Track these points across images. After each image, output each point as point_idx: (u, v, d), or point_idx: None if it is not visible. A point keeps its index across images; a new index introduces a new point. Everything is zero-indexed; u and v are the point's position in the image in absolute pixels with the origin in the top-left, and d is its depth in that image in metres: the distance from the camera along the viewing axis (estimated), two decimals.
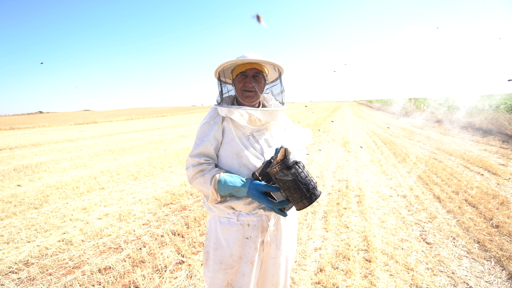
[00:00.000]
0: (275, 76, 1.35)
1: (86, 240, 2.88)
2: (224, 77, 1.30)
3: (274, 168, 0.99)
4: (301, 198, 0.98)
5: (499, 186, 4.30)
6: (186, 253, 2.58)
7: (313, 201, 0.99)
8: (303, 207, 1.00)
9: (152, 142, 10.29)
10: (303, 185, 0.98)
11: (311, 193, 0.99)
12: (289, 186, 0.98)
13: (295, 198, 0.99)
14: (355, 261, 2.40)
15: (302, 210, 1.03)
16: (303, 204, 0.99)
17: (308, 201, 0.98)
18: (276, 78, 1.35)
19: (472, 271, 2.24)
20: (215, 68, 1.23)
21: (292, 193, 0.99)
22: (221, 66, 1.20)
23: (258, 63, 1.21)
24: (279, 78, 1.31)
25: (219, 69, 1.23)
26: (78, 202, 4.02)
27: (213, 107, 1.26)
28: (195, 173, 1.14)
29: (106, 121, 27.40)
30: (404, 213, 3.40)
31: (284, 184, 0.99)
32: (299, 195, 0.98)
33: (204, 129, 1.21)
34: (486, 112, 12.06)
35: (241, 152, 1.18)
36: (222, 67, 1.22)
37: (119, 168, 6.20)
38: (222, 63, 1.17)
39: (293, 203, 1.02)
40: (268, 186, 1.06)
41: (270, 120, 1.24)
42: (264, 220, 1.18)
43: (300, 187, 0.98)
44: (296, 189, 0.98)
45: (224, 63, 1.17)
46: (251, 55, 1.19)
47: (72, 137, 13.09)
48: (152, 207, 3.77)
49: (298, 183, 0.98)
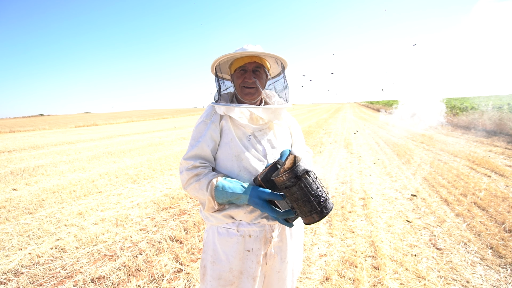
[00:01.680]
0: (278, 70, 1.22)
1: (80, 247, 2.76)
2: (221, 72, 1.18)
3: (281, 177, 0.87)
4: (311, 212, 0.87)
5: (507, 188, 4.16)
6: (184, 261, 2.46)
7: (324, 215, 0.87)
8: (312, 222, 0.88)
9: (152, 145, 10.18)
10: (314, 197, 0.86)
11: (323, 206, 0.87)
12: (297, 198, 0.87)
13: (304, 212, 0.88)
14: (363, 268, 2.27)
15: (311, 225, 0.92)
16: (313, 219, 0.87)
17: (318, 215, 0.87)
18: (279, 73, 1.23)
19: (487, 280, 2.11)
20: (211, 63, 1.11)
21: (301, 206, 0.87)
22: (217, 60, 1.08)
23: (259, 56, 1.09)
24: (282, 73, 1.19)
25: (216, 63, 1.11)
26: (74, 207, 3.90)
27: (210, 105, 1.14)
28: (189, 177, 1.02)
29: (106, 123, 27.38)
30: (411, 216, 3.26)
31: (292, 195, 0.87)
32: (309, 209, 0.87)
33: (200, 128, 1.09)
34: (490, 113, 11.92)
35: (242, 153, 1.06)
36: (218, 62, 1.11)
37: (118, 171, 6.09)
38: (219, 57, 1.06)
39: (301, 216, 0.90)
40: (273, 193, 0.94)
41: (273, 119, 1.12)
42: (268, 231, 1.06)
43: (310, 200, 0.86)
44: (305, 201, 0.86)
45: (221, 56, 1.06)
46: (250, 48, 1.08)
47: (72, 139, 13.01)
48: (150, 212, 3.65)
49: (308, 195, 0.86)
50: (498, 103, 13.51)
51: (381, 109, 29.56)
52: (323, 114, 28.96)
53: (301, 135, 1.29)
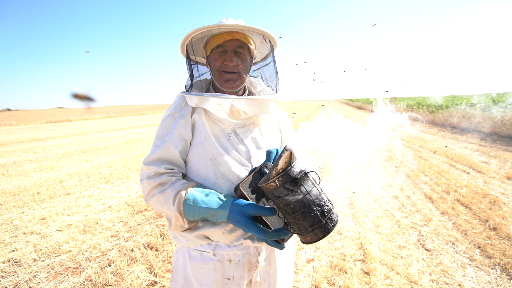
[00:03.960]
0: (265, 52, 1.00)
1: (39, 259, 2.43)
2: (194, 54, 0.94)
3: (272, 182, 0.66)
4: (313, 227, 0.66)
5: (486, 184, 4.23)
6: (159, 271, 2.22)
7: (330, 231, 0.67)
8: (314, 240, 0.67)
9: (129, 141, 9.67)
10: (316, 207, 0.66)
11: (327, 218, 0.67)
12: (294, 209, 0.66)
13: (303, 227, 0.67)
14: (353, 274, 2.13)
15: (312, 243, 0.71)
16: (315, 236, 0.67)
17: (322, 231, 0.67)
18: (266, 55, 1.00)
19: (479, 282, 2.04)
20: (181, 40, 0.87)
21: (299, 220, 0.67)
22: (189, 36, 0.85)
23: (242, 31, 0.87)
24: (271, 55, 0.96)
25: (187, 41, 0.87)
26: (37, 211, 3.51)
27: (179, 95, 0.91)
28: (151, 188, 0.80)
29: (81, 119, 25.97)
30: (398, 215, 3.19)
31: (287, 206, 0.66)
32: (310, 223, 0.66)
33: (166, 124, 0.87)
34: (463, 111, 12.40)
35: (219, 156, 0.84)
36: (190, 38, 0.87)
37: (90, 170, 5.66)
38: (191, 32, 0.83)
39: (298, 233, 0.69)
40: (260, 207, 0.73)
41: (260, 113, 0.90)
42: (252, 254, 0.85)
43: (311, 211, 0.66)
44: (305, 213, 0.66)
45: (194, 31, 0.82)
46: (231, 21, 0.85)
47: (41, 136, 12.13)
48: (123, 215, 3.34)
49: (308, 204, 0.66)
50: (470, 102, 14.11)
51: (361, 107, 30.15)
52: (305, 110, 29.11)
53: (293, 132, 1.08)
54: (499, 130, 9.18)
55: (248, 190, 0.78)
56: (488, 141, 8.34)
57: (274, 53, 0.96)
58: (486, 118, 10.27)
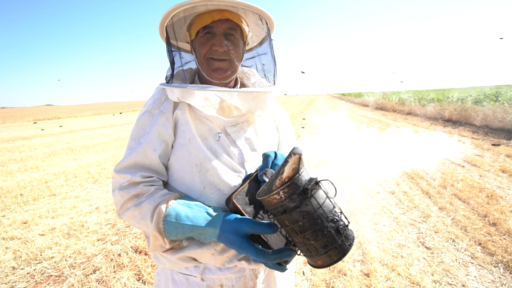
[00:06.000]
0: (261, 35, 0.84)
1: (18, 267, 2.26)
2: (175, 38, 0.78)
3: (275, 195, 0.52)
4: (326, 248, 0.53)
5: (482, 178, 4.21)
6: (148, 278, 2.08)
7: (346, 252, 0.55)
8: (328, 264, 0.55)
9: (119, 139, 9.41)
10: (330, 223, 0.53)
11: (344, 236, 0.55)
12: (303, 228, 0.53)
13: (314, 249, 0.54)
14: (353, 276, 2.04)
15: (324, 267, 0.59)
16: (329, 259, 0.54)
17: (338, 252, 0.54)
18: (262, 40, 0.85)
19: (482, 282, 1.97)
20: (160, 20, 0.72)
21: (309, 240, 0.54)
22: (168, 14, 0.70)
23: (235, 10, 0.72)
24: (268, 39, 0.81)
25: (167, 21, 0.72)
26: (19, 214, 3.32)
27: (158, 87, 0.77)
28: (124, 200, 0.66)
29: (70, 116, 25.36)
30: (396, 212, 3.12)
31: (294, 224, 0.53)
32: (322, 243, 0.53)
33: (143, 122, 0.72)
34: (455, 104, 12.48)
35: (207, 161, 0.71)
36: (170, 18, 0.72)
37: (78, 169, 5.44)
38: (170, 9, 0.68)
39: (307, 255, 0.56)
40: (257, 224, 0.60)
41: (255, 109, 0.76)
42: (249, 277, 0.71)
43: (323, 229, 0.53)
44: (316, 232, 0.53)
45: (173, 7, 0.67)
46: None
47: (28, 134, 11.73)
48: (111, 217, 3.18)
49: (321, 221, 0.53)
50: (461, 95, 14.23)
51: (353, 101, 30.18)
52: (297, 105, 29.02)
53: (291, 130, 0.95)
54: (491, 122, 9.26)
55: (243, 202, 0.65)
56: (480, 133, 8.39)
57: (271, 38, 0.81)
58: (477, 111, 10.35)
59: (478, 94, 13.19)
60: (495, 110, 9.48)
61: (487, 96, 12.14)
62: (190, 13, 0.74)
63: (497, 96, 11.71)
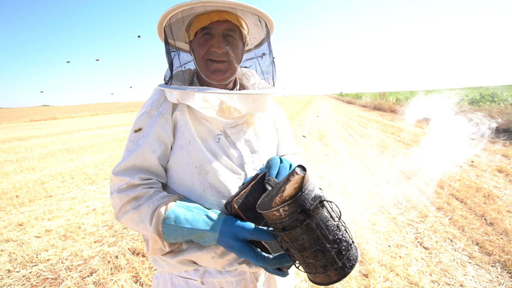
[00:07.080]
0: (260, 37, 0.84)
1: (14, 269, 2.24)
2: (174, 38, 0.78)
3: (275, 211, 0.51)
4: (325, 268, 0.53)
5: (478, 178, 4.24)
6: (146, 280, 2.07)
7: (347, 273, 0.54)
8: (326, 283, 0.54)
9: (117, 140, 9.36)
10: (332, 244, 0.52)
11: (346, 258, 0.53)
12: (302, 247, 0.52)
13: (313, 267, 0.53)
14: (351, 277, 2.04)
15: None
16: (327, 278, 0.53)
17: (337, 273, 0.53)
18: (262, 41, 0.85)
19: (480, 282, 1.98)
20: (158, 20, 0.71)
21: (308, 258, 0.53)
22: (166, 15, 0.69)
23: (233, 10, 0.71)
24: (267, 41, 0.81)
25: (165, 21, 0.72)
26: (14, 216, 3.28)
27: (157, 88, 0.76)
28: (123, 203, 0.65)
29: (67, 117, 25.20)
30: (394, 212, 3.13)
31: (295, 241, 0.52)
32: (322, 263, 0.52)
33: (141, 124, 0.71)
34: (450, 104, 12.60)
35: (206, 163, 0.70)
36: (168, 19, 0.71)
37: (75, 170, 5.40)
38: (168, 10, 0.67)
39: (306, 271, 0.56)
40: (257, 231, 0.60)
41: (255, 111, 0.76)
42: (249, 281, 0.71)
43: (324, 250, 0.52)
44: (316, 252, 0.52)
45: (172, 8, 0.67)
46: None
47: (24, 135, 11.64)
48: (108, 218, 3.16)
49: (322, 242, 0.52)
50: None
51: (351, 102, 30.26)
52: (295, 106, 29.06)
53: (290, 131, 0.95)
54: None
55: (244, 207, 0.64)
56: (476, 133, 8.45)
57: (270, 39, 0.81)
58: (473, 111, 10.45)
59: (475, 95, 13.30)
60: (491, 110, 9.56)
61: (483, 96, 12.25)
62: (188, 14, 0.73)
63: (493, 97, 11.81)
